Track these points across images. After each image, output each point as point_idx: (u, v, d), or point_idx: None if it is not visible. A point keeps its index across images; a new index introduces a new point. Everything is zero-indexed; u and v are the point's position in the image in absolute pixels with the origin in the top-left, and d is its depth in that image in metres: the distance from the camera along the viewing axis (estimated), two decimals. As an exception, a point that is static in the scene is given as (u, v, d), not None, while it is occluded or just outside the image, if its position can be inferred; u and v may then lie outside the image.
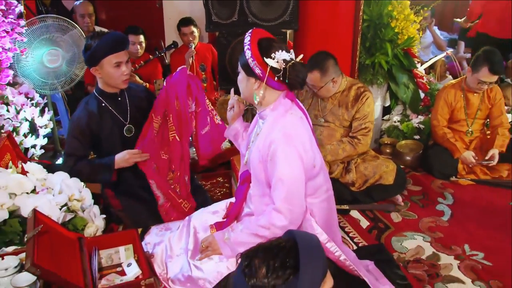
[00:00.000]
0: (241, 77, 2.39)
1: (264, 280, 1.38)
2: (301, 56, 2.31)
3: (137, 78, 4.71)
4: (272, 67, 2.20)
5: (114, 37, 2.88)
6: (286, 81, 2.24)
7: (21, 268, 2.17)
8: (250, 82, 2.34)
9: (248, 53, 2.24)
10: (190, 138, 3.30)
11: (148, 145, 3.03)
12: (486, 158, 4.12)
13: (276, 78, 2.24)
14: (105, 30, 5.45)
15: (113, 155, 3.04)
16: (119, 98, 3.05)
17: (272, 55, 2.21)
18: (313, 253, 1.42)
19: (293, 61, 2.24)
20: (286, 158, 2.24)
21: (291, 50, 2.27)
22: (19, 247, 2.39)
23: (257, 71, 2.24)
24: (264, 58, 2.21)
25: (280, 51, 2.22)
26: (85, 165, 3.01)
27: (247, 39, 2.28)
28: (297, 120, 2.36)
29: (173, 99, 3.07)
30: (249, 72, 2.30)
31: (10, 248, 2.39)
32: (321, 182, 2.47)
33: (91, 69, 2.92)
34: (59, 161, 4.05)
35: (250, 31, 2.31)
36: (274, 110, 2.36)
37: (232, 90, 2.71)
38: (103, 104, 3.00)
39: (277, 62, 2.21)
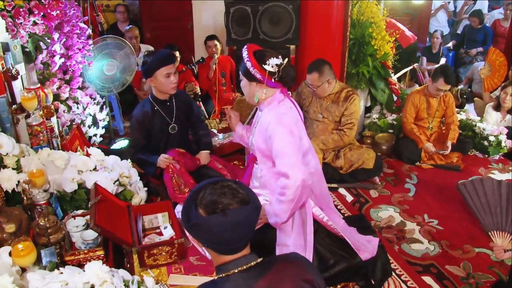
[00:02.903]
0: (244, 83, 2.36)
1: (214, 197, 1.33)
2: (286, 59, 2.28)
3: None
4: (269, 71, 2.21)
5: (164, 54, 2.91)
6: (283, 83, 2.28)
7: (87, 226, 2.22)
8: (252, 85, 2.32)
9: (248, 64, 2.23)
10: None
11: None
12: (446, 147, 4.14)
13: (273, 80, 2.24)
14: (150, 47, 5.56)
15: (159, 146, 3.08)
16: (168, 103, 3.06)
17: (267, 62, 2.21)
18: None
19: (283, 64, 2.25)
20: (280, 133, 2.22)
21: (280, 56, 2.27)
22: (85, 211, 2.45)
23: (258, 76, 2.23)
24: (262, 65, 2.21)
25: (272, 58, 2.22)
26: (140, 159, 3.06)
27: (245, 53, 2.27)
28: (286, 108, 2.34)
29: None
30: (251, 78, 2.28)
31: (79, 211, 2.45)
32: (310, 159, 2.44)
33: (147, 80, 2.93)
34: (113, 146, 4.12)
35: (245, 47, 2.30)
36: (269, 103, 2.34)
37: (227, 109, 2.75)
38: (155, 108, 3.02)
39: (272, 67, 2.21)
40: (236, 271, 1.35)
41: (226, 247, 1.36)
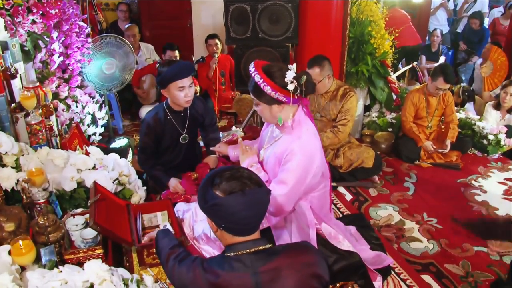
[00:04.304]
0: (262, 108, 2.15)
1: (232, 180, 1.41)
2: (295, 65, 2.07)
3: None
4: (293, 90, 2.01)
5: (179, 67, 2.76)
6: (304, 95, 2.08)
7: (86, 225, 2.20)
8: (272, 109, 2.12)
9: (267, 89, 2.01)
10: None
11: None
12: (445, 145, 4.16)
13: (296, 96, 2.05)
14: (150, 45, 5.56)
15: (167, 153, 3.06)
16: (182, 114, 2.97)
17: (285, 79, 2.00)
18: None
19: (306, 77, 2.04)
20: (295, 170, 2.10)
21: (289, 65, 2.07)
22: (85, 210, 2.42)
23: (282, 99, 2.03)
24: (284, 86, 2.01)
25: (287, 71, 2.01)
26: (150, 173, 3.03)
27: (257, 77, 2.03)
28: (311, 136, 2.17)
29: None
30: (272, 101, 2.08)
31: (79, 210, 2.42)
32: (321, 180, 2.35)
33: (162, 91, 2.85)
34: (113, 145, 4.09)
35: (252, 69, 2.06)
36: (293, 128, 2.16)
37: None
38: (168, 117, 2.93)
39: (292, 83, 2.00)
40: (244, 252, 1.44)
41: (242, 226, 1.44)
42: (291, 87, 2.01)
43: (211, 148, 2.90)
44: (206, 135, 3.24)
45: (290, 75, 2.02)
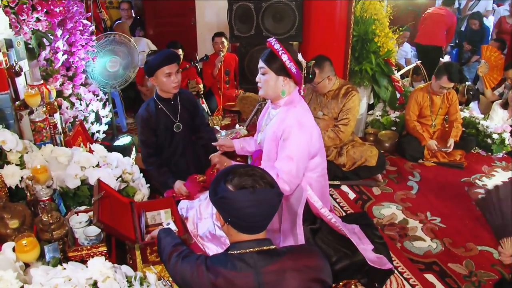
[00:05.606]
0: (269, 77, 2.30)
1: (244, 176, 1.43)
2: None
3: None
4: (304, 67, 2.26)
5: (165, 54, 2.90)
6: (310, 76, 2.31)
7: (90, 222, 2.20)
8: (278, 80, 2.28)
9: (285, 57, 2.19)
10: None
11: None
12: (448, 145, 4.15)
13: (303, 75, 2.27)
14: (145, 39, 5.56)
15: (164, 144, 3.08)
16: (172, 102, 3.04)
17: (297, 57, 2.25)
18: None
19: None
20: (297, 141, 2.22)
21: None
22: (88, 207, 2.43)
23: (293, 70, 2.21)
24: (297, 61, 2.24)
25: (298, 54, 2.27)
26: (155, 174, 3.04)
27: (277, 45, 2.22)
28: (305, 111, 2.34)
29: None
30: (282, 72, 2.26)
31: (82, 207, 2.43)
32: (320, 161, 2.44)
33: (150, 79, 2.94)
34: (116, 142, 4.09)
35: (273, 40, 2.25)
36: (287, 103, 2.33)
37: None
38: (160, 107, 3.00)
39: (301, 62, 2.26)
40: (248, 251, 1.44)
41: (247, 224, 1.45)
42: (303, 62, 2.28)
43: (213, 144, 2.92)
44: (202, 136, 3.25)
45: (300, 56, 2.29)
